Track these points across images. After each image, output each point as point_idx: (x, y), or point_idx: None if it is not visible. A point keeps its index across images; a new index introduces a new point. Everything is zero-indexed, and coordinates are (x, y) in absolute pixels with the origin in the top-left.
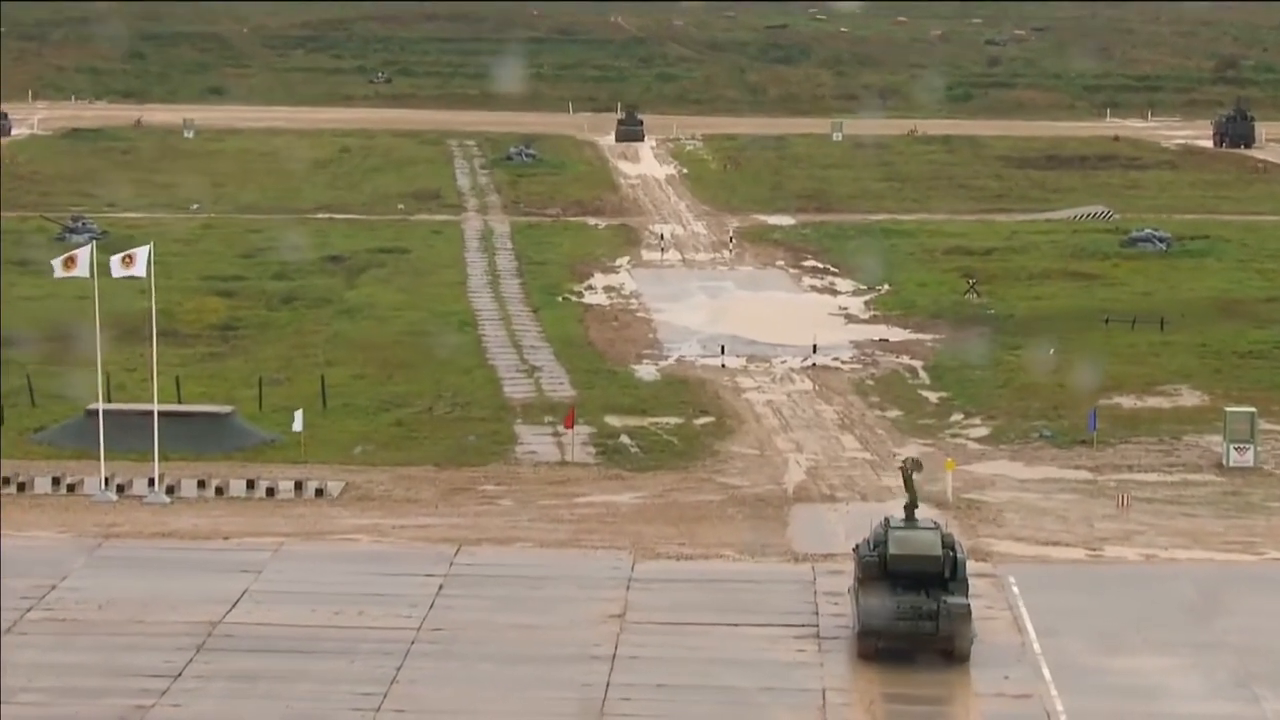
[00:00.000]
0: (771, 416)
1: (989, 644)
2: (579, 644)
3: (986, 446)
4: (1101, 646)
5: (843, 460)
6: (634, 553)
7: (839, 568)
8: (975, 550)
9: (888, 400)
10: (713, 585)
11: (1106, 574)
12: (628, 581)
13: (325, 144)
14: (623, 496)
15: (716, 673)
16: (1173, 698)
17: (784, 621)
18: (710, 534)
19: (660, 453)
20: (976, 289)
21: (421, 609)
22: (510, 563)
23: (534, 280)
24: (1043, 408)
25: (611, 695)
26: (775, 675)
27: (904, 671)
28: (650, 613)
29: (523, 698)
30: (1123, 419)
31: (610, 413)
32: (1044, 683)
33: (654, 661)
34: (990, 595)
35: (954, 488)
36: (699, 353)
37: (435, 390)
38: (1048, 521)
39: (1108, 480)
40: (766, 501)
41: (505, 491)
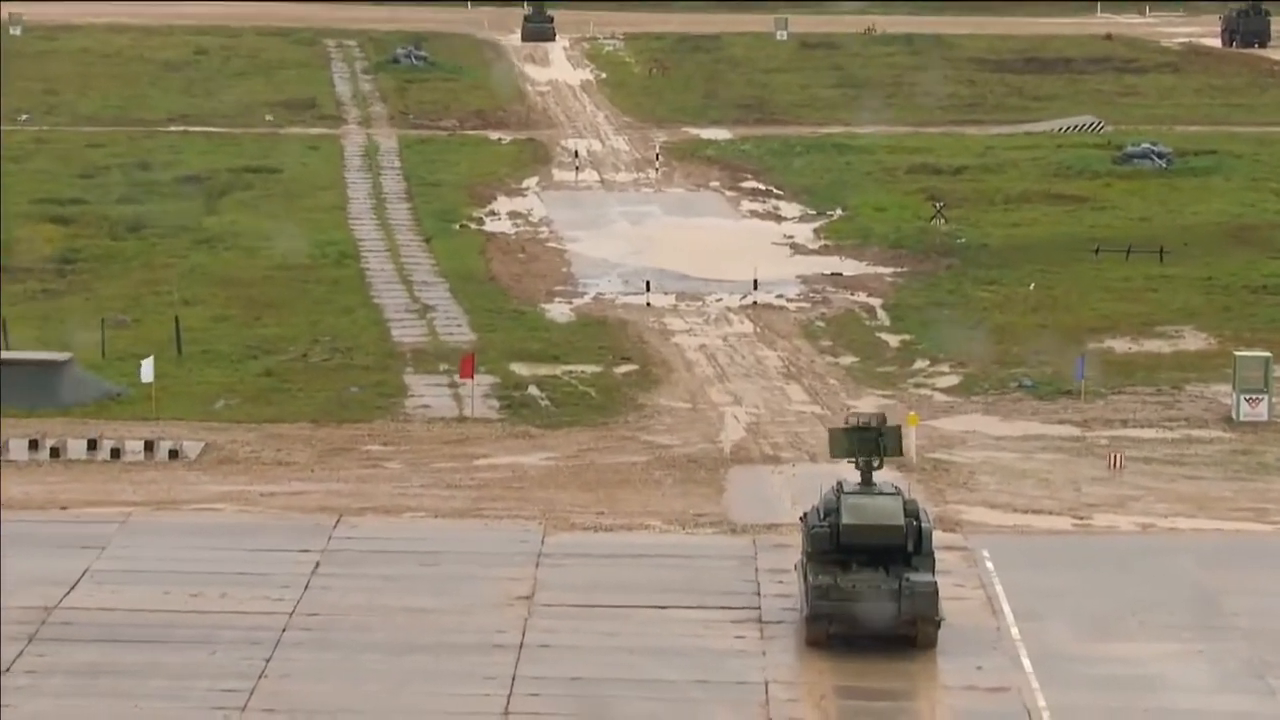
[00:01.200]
0: (705, 364)
1: (959, 628)
2: (480, 630)
3: (956, 398)
4: (1090, 631)
5: (788, 415)
6: (544, 523)
7: (784, 540)
8: (943, 519)
9: (841, 345)
10: (637, 561)
11: (1096, 547)
12: (537, 557)
13: (178, 44)
14: (531, 458)
15: (641, 664)
16: (1174, 690)
17: (720, 603)
18: (634, 501)
19: (575, 406)
20: (944, 214)
21: (295, 590)
22: (399, 536)
23: (426, 205)
24: (1022, 353)
25: (518, 690)
26: (710, 666)
27: (860, 661)
28: (563, 593)
29: (414, 694)
30: (1115, 366)
31: (516, 360)
32: (1023, 674)
33: (568, 651)
34: (960, 571)
35: (918, 446)
36: (620, 289)
37: (311, 334)
38: (1028, 485)
39: (1098, 437)
40: (699, 463)
41: (393, 452)
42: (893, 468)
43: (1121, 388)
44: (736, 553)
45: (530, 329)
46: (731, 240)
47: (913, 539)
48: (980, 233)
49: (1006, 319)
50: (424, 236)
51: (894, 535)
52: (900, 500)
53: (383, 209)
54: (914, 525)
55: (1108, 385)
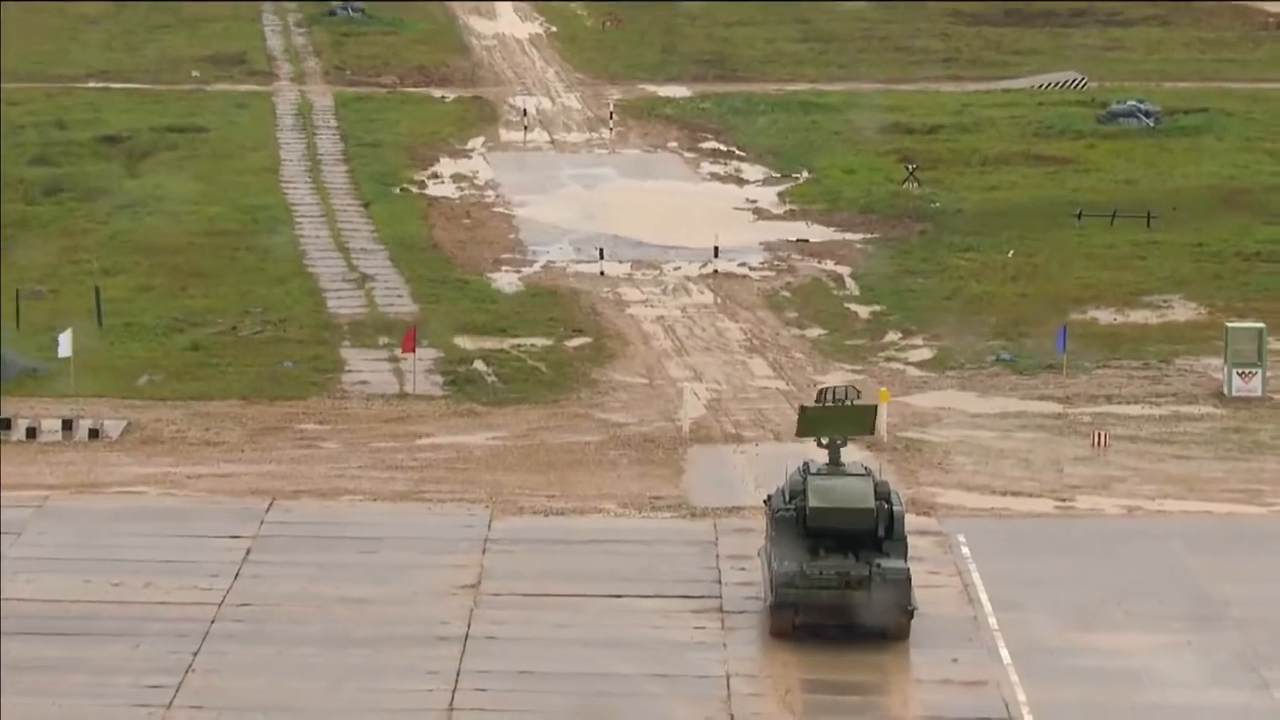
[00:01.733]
0: (663, 336)
1: (933, 618)
2: (422, 622)
3: (930, 373)
4: (1073, 621)
5: (751, 391)
6: (491, 507)
7: (747, 524)
8: (916, 502)
9: (807, 316)
10: (590, 547)
11: (1079, 531)
12: (483, 543)
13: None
14: (477, 437)
15: (595, 657)
16: (1163, 685)
17: (679, 592)
18: (587, 483)
19: (524, 382)
20: (917, 177)
21: (224, 579)
22: (336, 521)
23: (364, 167)
24: (1000, 324)
25: (463, 685)
26: (668, 659)
27: (827, 653)
28: (512, 582)
29: (352, 690)
30: (1100, 338)
31: (461, 333)
32: (1002, 666)
33: (517, 643)
34: (935, 558)
35: (890, 424)
36: (572, 257)
37: (241, 305)
38: (1006, 466)
39: (1081, 414)
40: (657, 442)
41: (330, 431)
42: (863, 447)
43: (1106, 361)
44: (696, 538)
45: (476, 300)
46: (691, 205)
47: (884, 523)
48: (956, 196)
49: (984, 288)
50: (362, 201)
51: (864, 519)
52: (870, 482)
53: (318, 171)
54: (885, 508)
55: (1091, 359)
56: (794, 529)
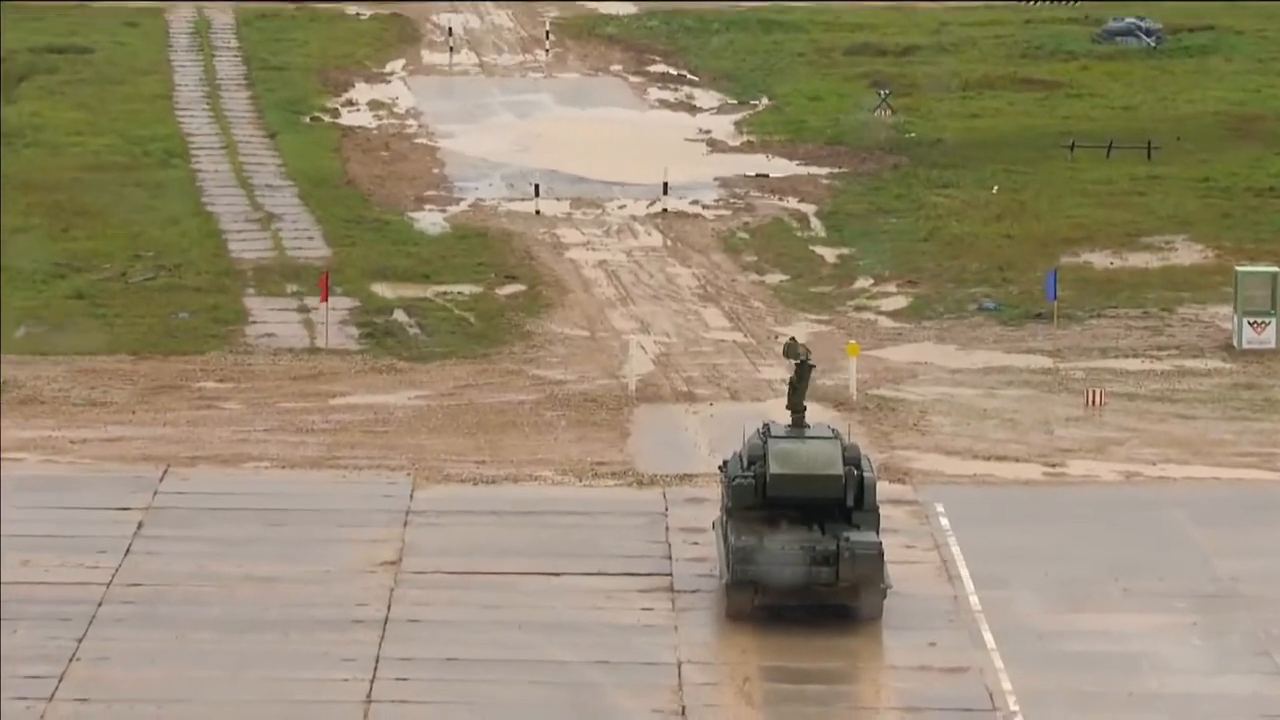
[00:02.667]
0: (606, 283)
1: (908, 598)
2: (336, 603)
3: (905, 324)
4: (1064, 600)
5: (705, 344)
6: (413, 475)
7: (700, 493)
8: (889, 468)
9: (767, 260)
10: (524, 519)
11: (1071, 500)
12: (405, 515)
13: None
14: (397, 396)
15: (530, 642)
16: (1165, 671)
17: (624, 569)
18: (520, 448)
19: (450, 335)
20: (890, 104)
21: (113, 556)
22: (239, 490)
23: (269, 93)
24: (983, 269)
25: (383, 674)
26: (612, 644)
27: (790, 636)
28: (437, 558)
29: (257, 679)
30: (1095, 284)
31: (379, 279)
32: (984, 651)
33: (442, 627)
34: (910, 530)
35: (860, 381)
36: (504, 195)
37: (131, 248)
38: (990, 427)
39: (1073, 369)
40: (599, 402)
41: (231, 390)
42: (830, 407)
43: (1102, 310)
44: (643, 508)
45: (396, 242)
46: (637, 135)
47: (853, 491)
48: (933, 126)
49: (965, 229)
50: (267, 131)
51: (830, 487)
52: (838, 446)
53: (217, 98)
54: (854, 475)
55: (1085, 307)
56: (753, 498)
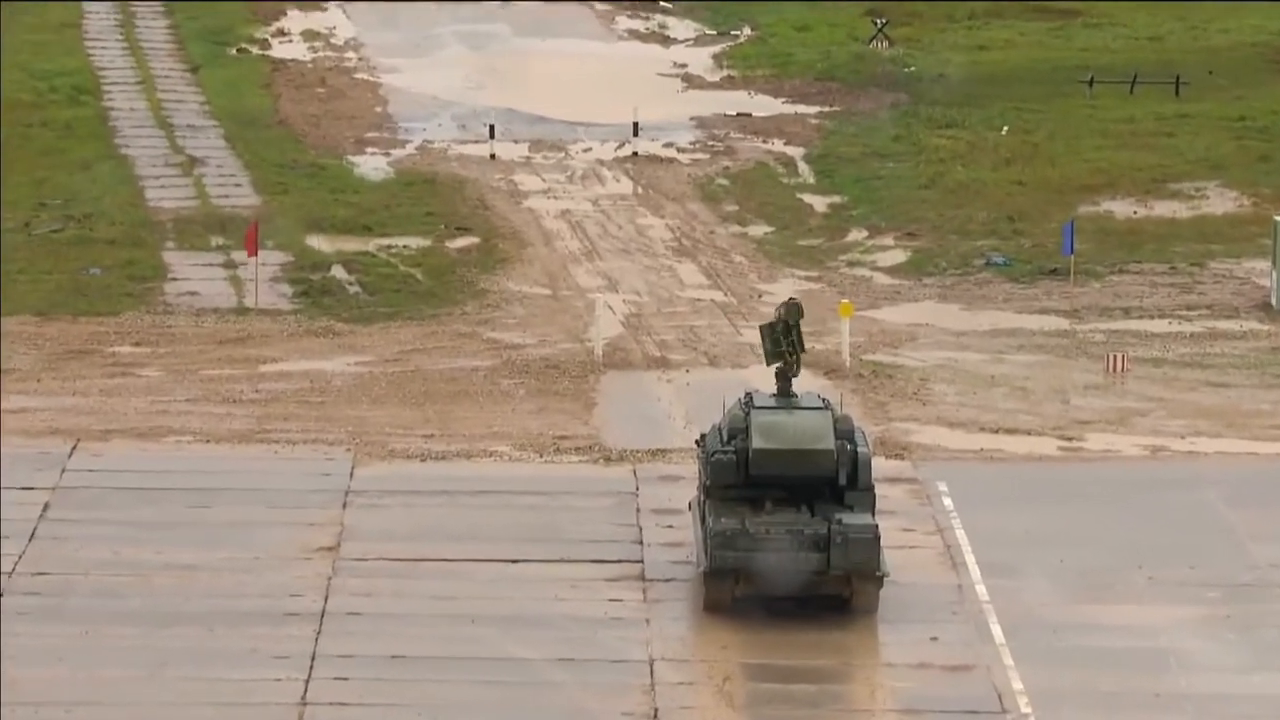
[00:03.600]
0: (569, 235)
1: (908, 587)
2: (267, 593)
3: (903, 280)
4: (1082, 590)
5: (680, 303)
6: (354, 450)
7: (675, 471)
8: (886, 442)
9: (750, 209)
10: (477, 500)
11: (1089, 478)
12: (344, 495)
13: None
14: (336, 363)
15: (485, 637)
16: (1194, 669)
17: (590, 555)
18: (474, 420)
19: (395, 293)
20: (887, 34)
21: (16, 542)
22: (158, 468)
23: (191, 22)
24: (991, 219)
25: (320, 674)
26: (577, 640)
27: (775, 631)
28: (380, 543)
29: (178, 680)
30: (1117, 236)
31: (315, 231)
32: (992, 646)
33: (386, 620)
34: (910, 511)
35: (853, 345)
36: (455, 136)
37: (36, 196)
38: (999, 396)
39: (1092, 331)
40: (562, 369)
41: (149, 355)
42: (820, 374)
43: (1124, 265)
44: (612, 488)
45: (334, 190)
46: (604, 70)
47: (846, 469)
48: (936, 59)
49: (971, 175)
50: (189, 65)
51: (821, 464)
52: (829, 417)
53: (131, 27)
54: (847, 450)
55: (1106, 262)
56: (734, 476)
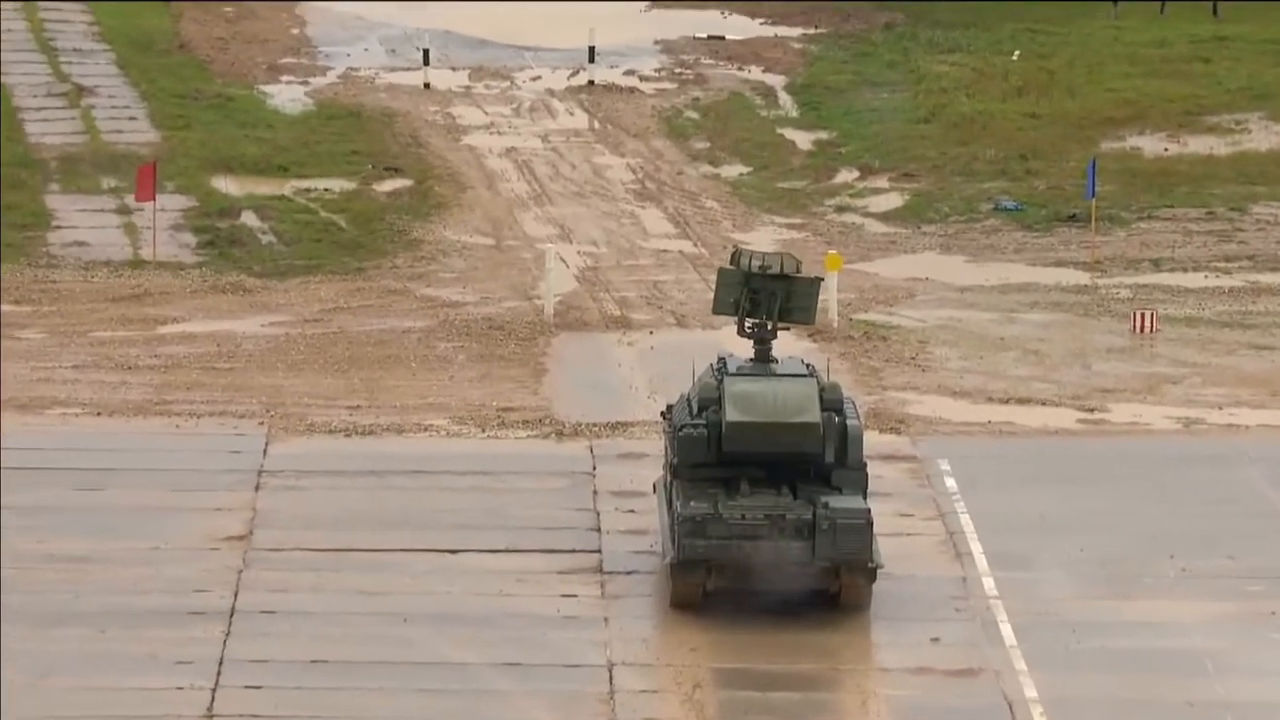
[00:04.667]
0: (516, 177)
1: (905, 580)
2: (169, 589)
3: (900, 228)
4: (1104, 584)
5: (644, 255)
6: (268, 424)
7: (637, 447)
8: (880, 413)
9: (723, 147)
10: (411, 481)
11: (1114, 454)
12: (257, 475)
13: None
14: (247, 323)
15: (418, 639)
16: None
17: (540, 544)
18: (406, 389)
19: (315, 244)
20: None
21: None
22: (42, 445)
23: None
24: (1001, 158)
25: (228, 681)
26: (525, 641)
27: (753, 632)
28: (299, 531)
29: (65, 688)
30: (1145, 176)
31: (223, 172)
32: (1002, 649)
33: (305, 620)
34: (907, 493)
35: (842, 302)
36: (384, 63)
37: None
38: (1009, 361)
39: (1116, 287)
40: (507, 330)
41: (31, 315)
42: (804, 336)
43: (1154, 210)
44: (565, 467)
45: (244, 124)
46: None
47: (833, 444)
48: None
49: (977, 106)
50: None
51: (804, 439)
52: (814, 386)
53: None
54: (835, 424)
55: (1133, 206)
56: (705, 453)
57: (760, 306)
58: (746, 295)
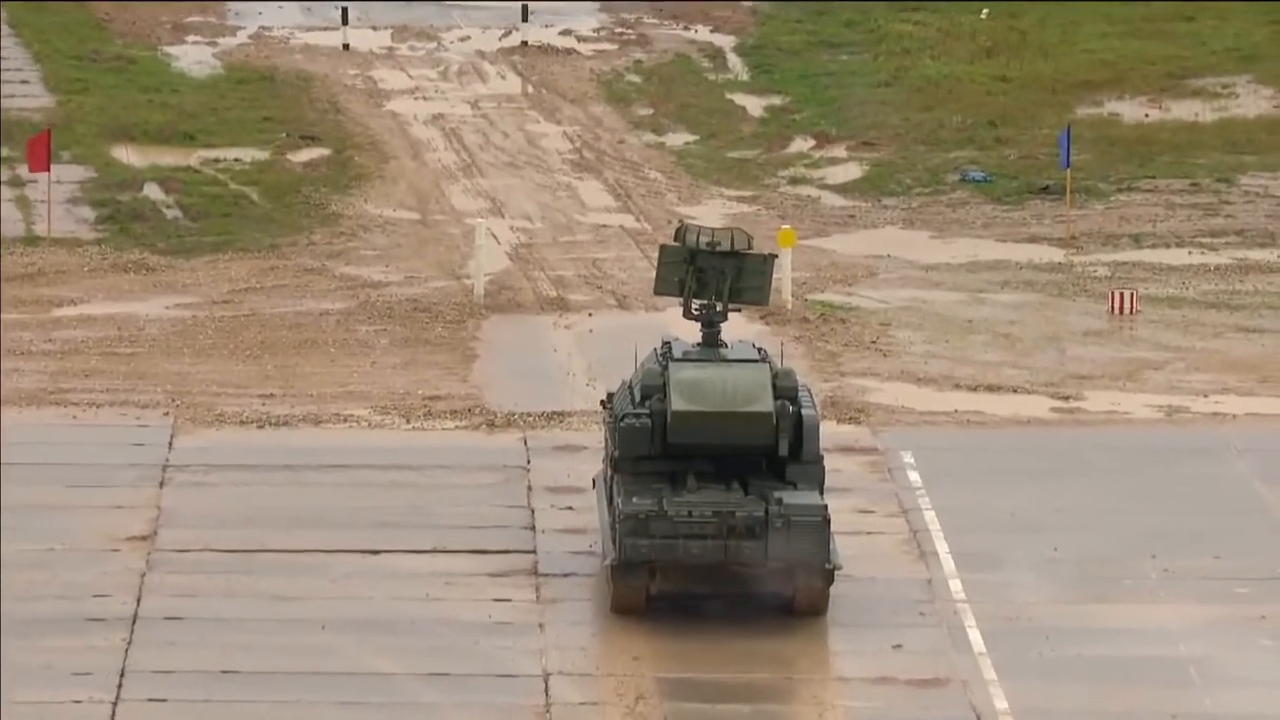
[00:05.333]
0: (443, 146)
1: (865, 583)
2: (65, 594)
3: (859, 201)
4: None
5: (582, 230)
6: (174, 414)
7: (574, 439)
8: (838, 402)
9: (668, 113)
10: (328, 477)
11: (1091, 445)
12: (161, 470)
13: None
14: (150, 304)
15: (337, 648)
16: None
17: (470, 544)
18: (324, 376)
19: (224, 219)
20: None
21: None
22: None
23: None
24: (967, 125)
25: (130, 694)
26: (453, 649)
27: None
28: (207, 530)
29: None
30: (1125, 144)
31: (124, 140)
32: (970, 656)
33: (214, 627)
34: (867, 488)
35: (797, 281)
36: (299, 21)
37: None
38: (978, 345)
39: (1093, 264)
40: (434, 312)
41: None
42: (756, 318)
43: (1133, 182)
44: (496, 460)
45: (146, 89)
46: None
47: (787, 436)
48: None
49: (942, 69)
50: None
51: (756, 430)
52: (766, 372)
53: None
54: (789, 413)
55: (1111, 177)
56: (649, 446)
57: (708, 286)
58: (693, 274)
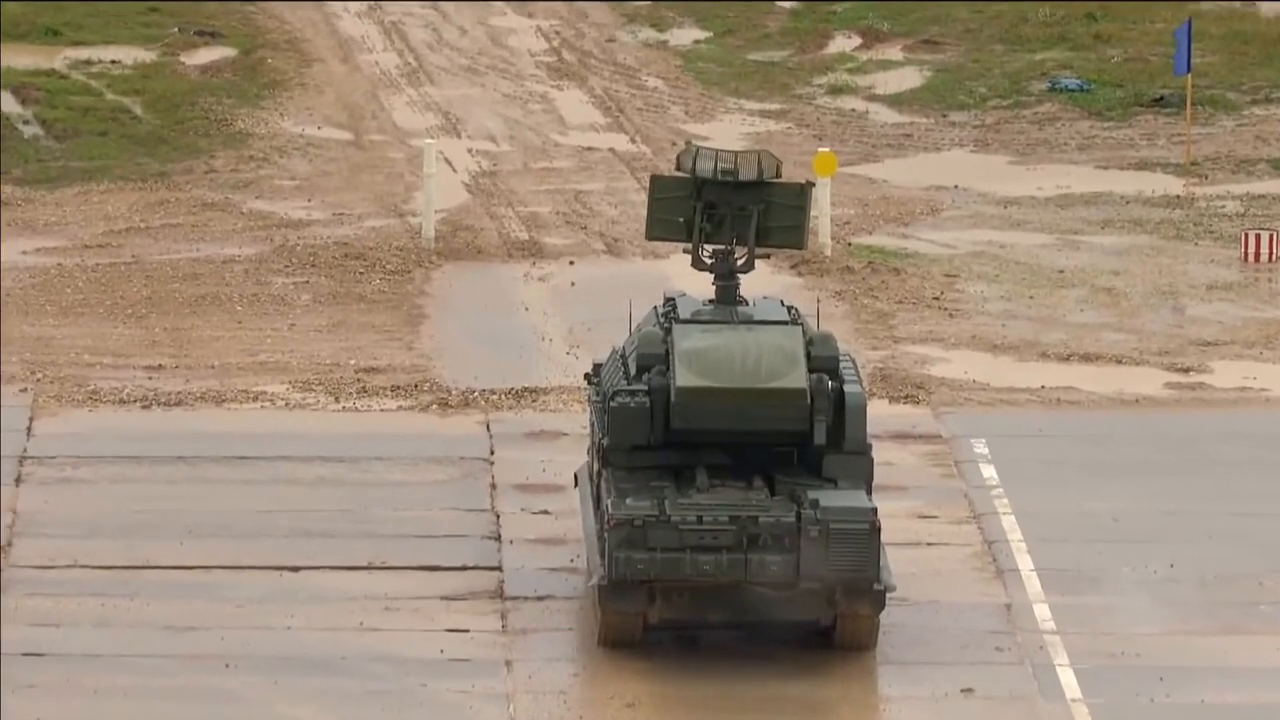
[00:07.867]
0: (382, 44)
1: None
2: None
3: (918, 117)
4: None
5: (561, 154)
6: (33, 390)
7: (549, 423)
8: (891, 376)
9: (672, 4)
10: (236, 471)
11: (1216, 432)
12: (17, 463)
13: None
14: (5, 249)
15: (247, 691)
16: None
17: (417, 559)
18: (229, 342)
19: (101, 138)
20: None
21: None
22: None
23: None
24: (1058, 18)
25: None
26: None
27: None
28: (75, 541)
29: None
30: (1261, 43)
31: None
32: (1062, 703)
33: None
34: (930, 487)
35: (838, 220)
36: None
37: None
38: (1070, 303)
39: (1220, 197)
40: (371, 259)
41: None
42: (784, 267)
43: (1272, 90)
44: (451, 450)
45: None
46: None
47: (825, 419)
48: None
49: None
50: None
51: (784, 411)
52: (798, 337)
53: None
54: (827, 390)
55: (1244, 86)
56: (647, 432)
57: (723, 227)
58: (702, 211)
